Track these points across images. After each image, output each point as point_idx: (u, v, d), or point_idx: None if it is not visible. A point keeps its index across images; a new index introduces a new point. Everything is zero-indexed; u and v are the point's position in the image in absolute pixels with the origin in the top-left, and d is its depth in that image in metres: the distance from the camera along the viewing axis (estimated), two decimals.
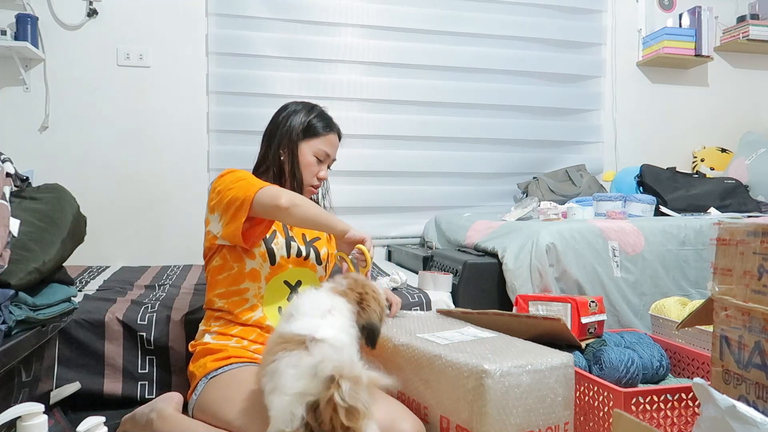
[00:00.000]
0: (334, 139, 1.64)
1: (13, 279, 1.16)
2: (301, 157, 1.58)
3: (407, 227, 3.16)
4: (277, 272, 1.52)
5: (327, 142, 1.61)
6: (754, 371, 1.03)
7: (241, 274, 1.48)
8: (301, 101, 1.66)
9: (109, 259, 2.76)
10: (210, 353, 1.43)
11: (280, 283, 1.52)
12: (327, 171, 1.64)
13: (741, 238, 1.07)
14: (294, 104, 1.64)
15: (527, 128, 3.30)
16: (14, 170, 1.41)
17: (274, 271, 1.51)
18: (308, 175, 1.59)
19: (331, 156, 1.64)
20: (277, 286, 1.51)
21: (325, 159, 1.62)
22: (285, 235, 1.55)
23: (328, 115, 1.65)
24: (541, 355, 1.24)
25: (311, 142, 1.59)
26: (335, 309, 1.22)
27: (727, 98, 3.65)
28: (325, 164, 1.63)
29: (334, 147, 1.65)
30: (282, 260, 1.52)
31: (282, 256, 1.52)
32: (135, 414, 1.42)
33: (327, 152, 1.61)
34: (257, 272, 1.49)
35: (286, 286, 1.52)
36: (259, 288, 1.49)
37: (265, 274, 1.50)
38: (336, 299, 1.27)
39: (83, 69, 2.79)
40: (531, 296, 1.74)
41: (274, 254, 1.51)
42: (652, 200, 2.59)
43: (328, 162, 1.64)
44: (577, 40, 3.37)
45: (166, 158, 2.88)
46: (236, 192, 1.40)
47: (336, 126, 1.65)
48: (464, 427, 1.18)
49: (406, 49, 3.10)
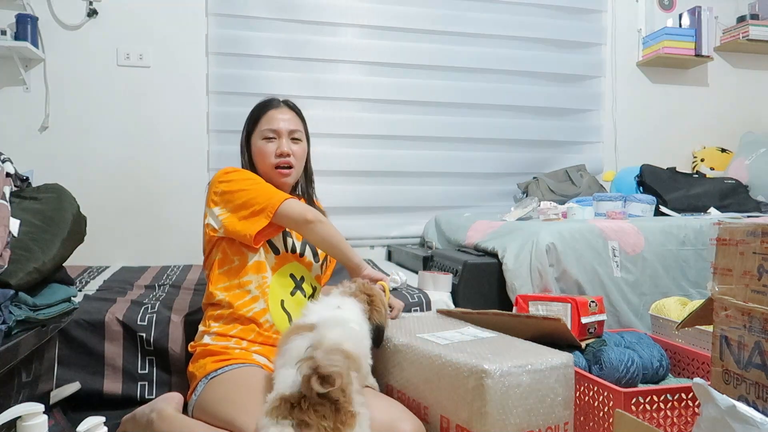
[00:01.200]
0: (273, 113, 1.61)
1: (13, 279, 1.16)
2: (255, 149, 1.61)
3: (407, 227, 3.16)
4: (283, 263, 1.54)
5: (266, 119, 1.60)
6: (754, 371, 1.03)
7: (243, 267, 1.49)
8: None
9: (109, 259, 2.76)
10: (210, 354, 1.44)
11: (287, 276, 1.53)
12: (292, 144, 1.60)
13: (741, 238, 1.07)
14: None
15: (527, 128, 3.30)
16: (14, 170, 1.41)
17: (281, 262, 1.53)
18: (267, 160, 1.58)
19: (279, 128, 1.59)
20: (284, 277, 1.53)
21: (275, 135, 1.58)
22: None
23: (266, 99, 1.66)
24: (541, 355, 1.24)
25: (256, 130, 1.61)
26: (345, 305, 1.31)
27: (727, 98, 3.65)
28: (281, 139, 1.58)
29: (279, 119, 1.60)
30: (283, 253, 1.55)
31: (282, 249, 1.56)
32: (135, 414, 1.42)
33: (271, 128, 1.58)
34: (262, 264, 1.51)
35: (292, 279, 1.54)
36: (264, 278, 1.49)
37: (271, 264, 1.52)
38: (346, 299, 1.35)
39: (83, 69, 2.78)
40: (531, 296, 1.74)
41: (274, 245, 1.54)
42: (652, 200, 2.59)
43: (283, 135, 1.59)
44: (577, 40, 3.37)
45: (166, 158, 2.88)
46: (255, 195, 1.45)
47: (275, 100, 1.64)
48: (464, 427, 1.18)
49: (406, 49, 3.10)
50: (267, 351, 1.45)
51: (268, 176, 1.59)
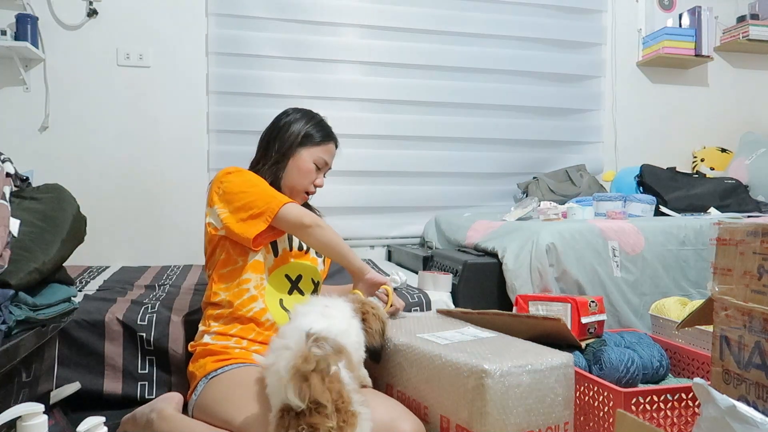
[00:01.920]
0: (333, 148, 1.67)
1: (13, 279, 1.16)
2: (301, 163, 1.60)
3: (407, 227, 3.16)
4: (279, 264, 1.55)
5: (326, 150, 1.64)
6: (754, 371, 1.03)
7: (244, 266, 1.50)
8: (301, 108, 1.68)
9: (109, 259, 2.76)
10: (210, 354, 1.44)
11: (282, 277, 1.54)
12: (323, 179, 1.67)
13: (741, 238, 1.07)
14: (294, 111, 1.66)
15: (527, 128, 3.30)
16: (14, 170, 1.41)
17: (277, 263, 1.54)
18: (306, 181, 1.61)
19: (329, 164, 1.66)
20: (278, 278, 1.53)
21: (323, 167, 1.64)
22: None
23: (328, 124, 1.67)
24: (541, 355, 1.24)
25: (311, 150, 1.61)
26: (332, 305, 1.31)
27: (727, 98, 3.65)
28: (323, 172, 1.66)
29: (332, 156, 1.68)
30: (284, 252, 1.56)
31: (284, 249, 1.56)
32: (135, 414, 1.42)
33: (326, 160, 1.64)
34: (260, 264, 1.51)
35: (287, 280, 1.55)
36: (262, 279, 1.51)
37: (268, 265, 1.53)
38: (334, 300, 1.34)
39: (83, 69, 2.79)
40: (531, 296, 1.74)
41: (276, 246, 1.55)
42: (652, 200, 2.58)
43: (325, 170, 1.67)
44: (577, 40, 3.37)
45: (166, 158, 2.88)
46: (255, 199, 1.46)
47: (335, 135, 1.68)
48: (464, 427, 1.18)
49: (406, 49, 3.10)
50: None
51: (292, 189, 1.61)
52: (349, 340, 1.22)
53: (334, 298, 1.35)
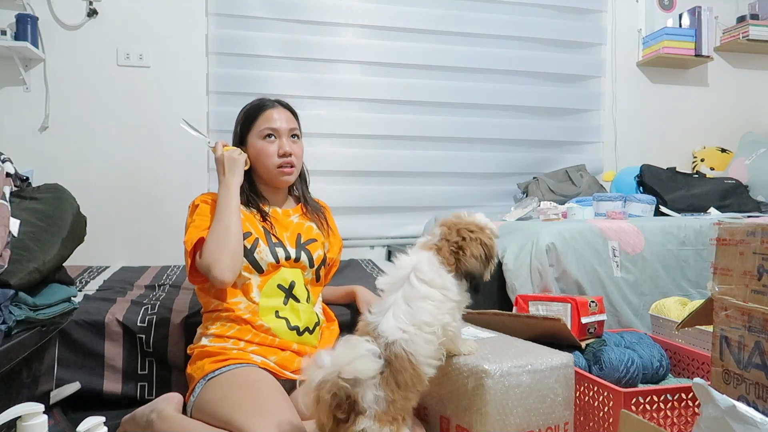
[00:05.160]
0: (271, 112, 1.56)
1: (13, 279, 1.16)
2: (254, 149, 1.55)
3: (407, 227, 3.16)
4: (268, 278, 1.50)
5: (265, 118, 1.56)
6: (754, 371, 1.03)
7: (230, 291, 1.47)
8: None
9: (109, 259, 2.76)
10: (207, 355, 1.43)
11: (274, 288, 1.49)
12: (292, 142, 1.57)
13: (741, 238, 1.07)
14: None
15: (527, 128, 3.30)
16: (14, 170, 1.41)
17: (265, 278, 1.50)
18: (269, 160, 1.54)
19: (279, 127, 1.55)
20: (270, 291, 1.49)
21: (275, 134, 1.55)
22: (268, 243, 1.51)
23: (258, 99, 1.61)
24: (541, 355, 1.24)
25: (253, 130, 1.56)
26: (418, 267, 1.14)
27: (727, 98, 3.65)
28: (282, 138, 1.55)
29: (277, 118, 1.56)
30: (270, 267, 1.50)
31: (269, 263, 1.49)
32: (135, 414, 1.42)
33: (271, 127, 1.55)
34: (248, 286, 1.48)
35: (281, 290, 1.50)
36: (252, 298, 1.47)
37: (257, 284, 1.49)
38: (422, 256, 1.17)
39: (83, 69, 2.78)
40: (531, 296, 1.74)
41: (258, 264, 1.48)
42: (652, 200, 2.58)
43: (284, 134, 1.56)
44: (577, 40, 3.37)
45: (166, 158, 2.88)
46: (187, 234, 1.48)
47: (269, 100, 1.59)
48: (464, 427, 1.18)
49: (406, 49, 3.10)
50: (264, 351, 1.44)
51: (270, 176, 1.56)
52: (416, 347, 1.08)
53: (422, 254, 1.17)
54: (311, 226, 1.63)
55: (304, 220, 1.64)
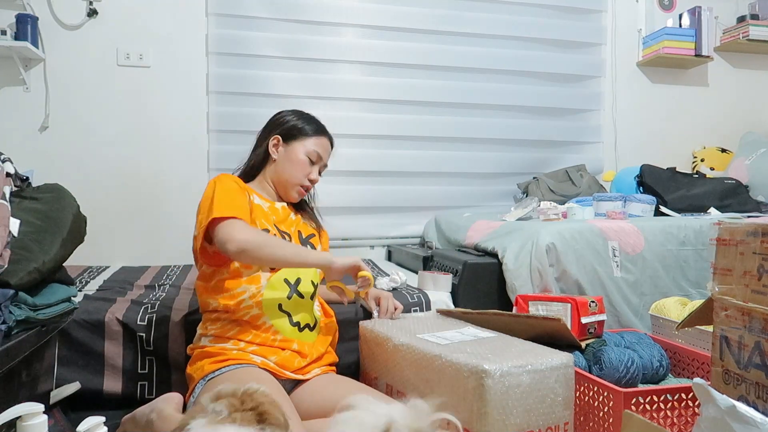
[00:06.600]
0: (326, 143, 1.65)
1: (13, 279, 1.16)
2: (293, 155, 1.59)
3: (407, 227, 3.16)
4: (277, 270, 1.51)
5: (319, 143, 1.62)
6: (754, 371, 1.03)
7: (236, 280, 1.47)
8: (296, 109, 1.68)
9: (109, 259, 2.76)
10: (207, 356, 1.44)
11: (281, 281, 1.51)
12: (318, 175, 1.64)
13: (741, 238, 1.07)
14: (288, 111, 1.66)
15: (527, 128, 3.30)
16: (14, 170, 1.41)
17: (275, 271, 1.51)
18: (299, 173, 1.59)
19: (323, 159, 1.64)
20: (277, 283, 1.50)
21: (317, 161, 1.61)
22: (278, 232, 1.54)
23: (321, 122, 1.67)
24: (541, 355, 1.24)
25: (303, 142, 1.60)
26: None
27: (727, 98, 3.65)
28: (317, 167, 1.63)
29: (326, 151, 1.65)
30: None
31: None
32: (135, 414, 1.42)
33: (319, 153, 1.61)
34: (257, 276, 1.48)
35: (286, 284, 1.51)
36: (258, 289, 1.48)
37: (266, 277, 1.50)
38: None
39: (83, 69, 2.78)
40: (531, 296, 1.74)
41: None
42: (652, 200, 2.58)
43: (320, 165, 1.64)
44: (577, 40, 3.37)
45: (166, 158, 2.88)
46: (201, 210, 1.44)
47: (328, 132, 1.66)
48: (464, 427, 1.18)
49: (406, 49, 3.10)
50: (264, 351, 1.45)
51: (285, 184, 1.60)
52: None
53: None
54: (306, 223, 1.67)
55: (298, 216, 1.67)
